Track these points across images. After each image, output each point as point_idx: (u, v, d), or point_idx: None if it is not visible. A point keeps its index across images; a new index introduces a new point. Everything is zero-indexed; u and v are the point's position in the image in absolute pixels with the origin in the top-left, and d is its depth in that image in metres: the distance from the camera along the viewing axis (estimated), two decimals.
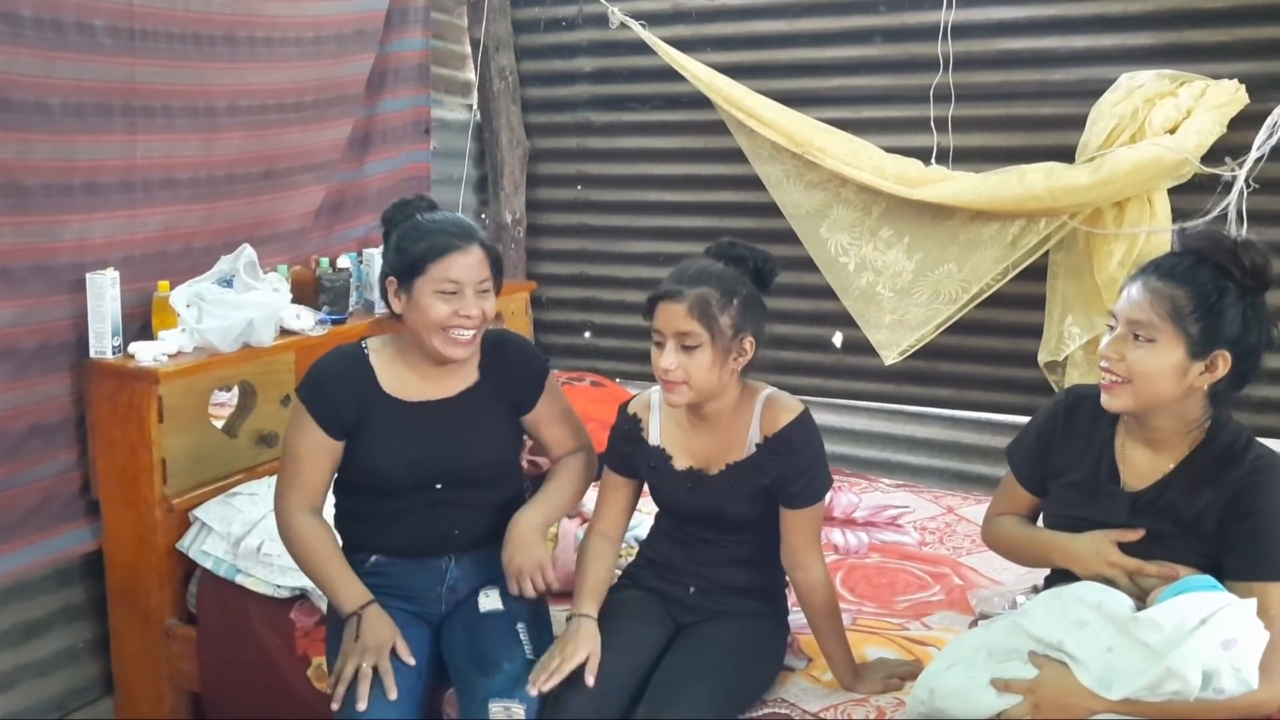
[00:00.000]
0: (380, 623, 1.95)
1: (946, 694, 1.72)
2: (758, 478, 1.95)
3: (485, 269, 2.02)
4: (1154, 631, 1.54)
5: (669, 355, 1.88)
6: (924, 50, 3.16)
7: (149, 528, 2.48)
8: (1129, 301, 1.66)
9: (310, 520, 2.04)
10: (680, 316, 1.86)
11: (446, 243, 1.98)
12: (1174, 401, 1.66)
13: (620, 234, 3.78)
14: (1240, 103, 2.77)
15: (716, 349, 1.87)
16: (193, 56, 2.63)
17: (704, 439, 2.00)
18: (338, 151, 3.20)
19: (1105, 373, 1.68)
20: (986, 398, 3.32)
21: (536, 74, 3.83)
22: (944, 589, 2.46)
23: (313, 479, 2.04)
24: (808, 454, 1.94)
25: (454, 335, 1.99)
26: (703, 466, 2.00)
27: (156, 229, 2.64)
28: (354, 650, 1.90)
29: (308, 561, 2.03)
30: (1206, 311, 1.62)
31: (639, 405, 2.08)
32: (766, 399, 1.98)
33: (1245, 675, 1.52)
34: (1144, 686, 1.54)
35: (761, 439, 1.95)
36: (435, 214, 2.07)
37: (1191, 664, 1.51)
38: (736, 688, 1.94)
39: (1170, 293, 1.62)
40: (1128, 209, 2.84)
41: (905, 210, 3.09)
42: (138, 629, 2.55)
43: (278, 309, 2.69)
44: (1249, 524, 1.62)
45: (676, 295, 1.87)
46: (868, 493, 3.02)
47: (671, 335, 1.87)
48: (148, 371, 2.44)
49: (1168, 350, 1.62)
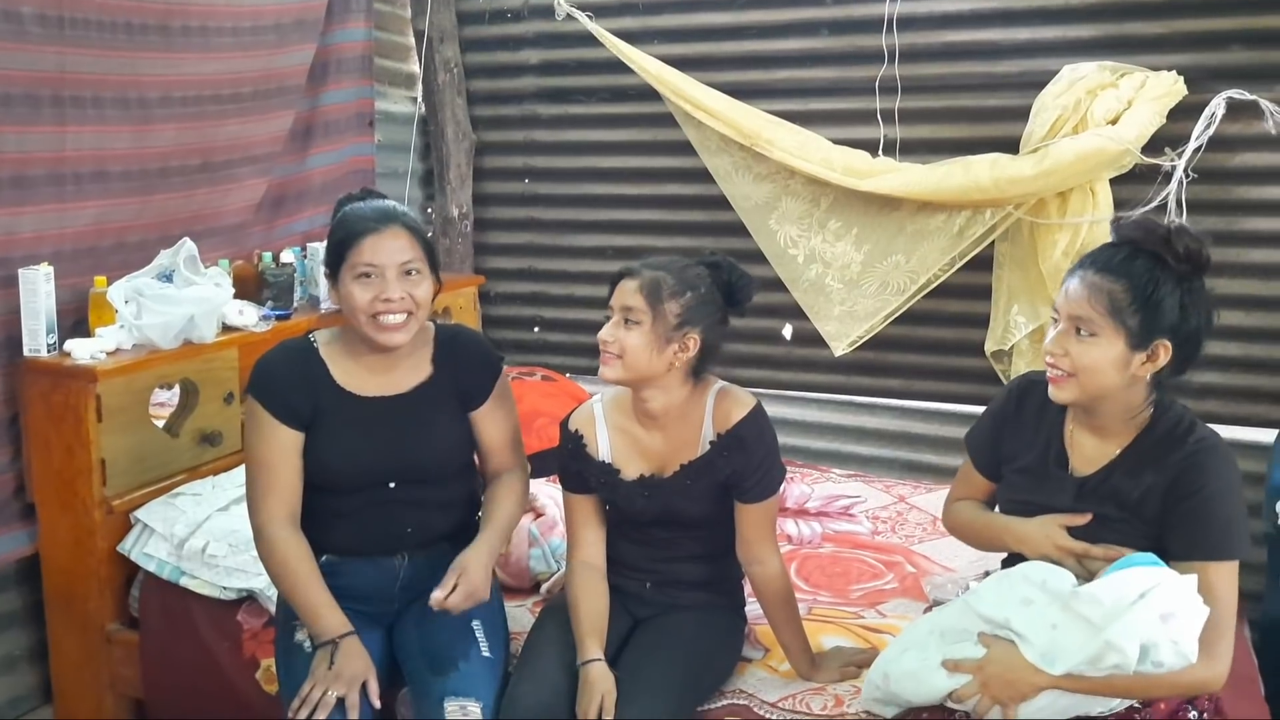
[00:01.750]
0: (358, 657, 1.89)
1: (900, 678, 1.74)
2: (713, 475, 1.94)
3: (410, 250, 1.95)
4: (1095, 606, 1.57)
5: (610, 327, 1.91)
6: (869, 42, 3.18)
7: (88, 530, 2.41)
8: (1068, 297, 1.68)
9: (290, 535, 1.95)
10: (630, 292, 1.90)
11: (361, 227, 1.94)
12: (1118, 391, 1.68)
13: (569, 228, 3.75)
14: (1179, 94, 2.82)
15: (655, 332, 1.88)
16: (124, 46, 2.57)
17: (655, 441, 1.98)
18: (278, 144, 3.14)
19: (1051, 367, 1.70)
20: (935, 387, 3.35)
21: (482, 66, 3.79)
22: (897, 577, 2.48)
23: (285, 482, 1.96)
24: (761, 449, 1.93)
25: (382, 321, 1.93)
26: (656, 471, 1.98)
27: (88, 223, 2.57)
28: (326, 677, 1.85)
29: (287, 582, 1.94)
30: (1144, 303, 1.63)
31: (581, 420, 2.04)
32: (718, 394, 1.97)
33: (1183, 648, 1.54)
34: (1085, 661, 1.57)
35: (715, 436, 1.94)
36: (361, 202, 2.02)
37: (1130, 637, 1.53)
38: (695, 682, 1.93)
39: (1108, 287, 1.64)
40: (1071, 199, 2.88)
41: (853, 202, 3.11)
42: (77, 635, 2.48)
43: (219, 304, 2.64)
44: (1190, 504, 1.65)
45: (634, 273, 1.92)
46: (819, 483, 3.04)
47: (619, 309, 1.90)
48: (85, 369, 2.37)
49: (1109, 344, 1.64)
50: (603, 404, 2.04)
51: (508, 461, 2.11)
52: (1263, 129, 2.77)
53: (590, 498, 2.03)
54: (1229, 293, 2.95)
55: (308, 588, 1.93)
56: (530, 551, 2.35)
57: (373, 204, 2.01)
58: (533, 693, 1.86)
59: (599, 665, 1.86)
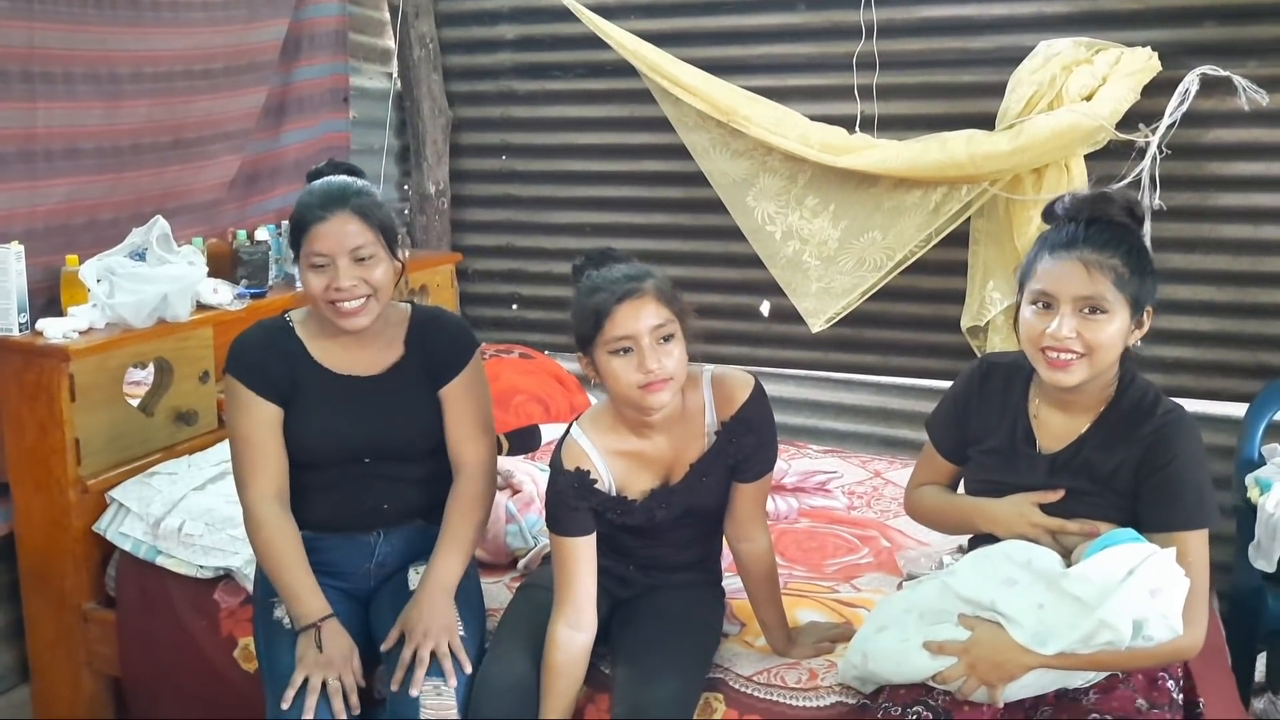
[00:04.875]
0: (341, 638, 1.89)
1: (880, 657, 1.74)
2: (722, 464, 1.87)
3: (362, 234, 1.91)
4: (1084, 585, 1.58)
5: (649, 356, 1.71)
6: (846, 18, 3.17)
7: (62, 510, 2.40)
8: (1068, 279, 1.64)
9: (279, 517, 1.94)
10: (651, 308, 1.73)
11: (310, 215, 1.91)
12: (1114, 364, 1.70)
13: (546, 204, 3.74)
14: (1153, 70, 2.82)
15: (685, 336, 1.78)
16: (94, 21, 2.54)
17: (658, 448, 1.86)
18: (251, 120, 3.11)
19: (1060, 353, 1.65)
20: (911, 363, 3.37)
21: (458, 41, 3.76)
22: (872, 551, 2.50)
23: (271, 459, 1.95)
24: (766, 428, 1.89)
25: (340, 307, 1.92)
26: (665, 479, 1.88)
27: (59, 200, 2.54)
28: (317, 662, 1.85)
29: (271, 561, 1.94)
30: (1140, 271, 1.66)
31: (574, 457, 1.83)
32: (714, 379, 1.88)
33: (1172, 621, 1.57)
34: (1078, 640, 1.57)
35: (719, 424, 1.86)
36: (319, 181, 1.98)
37: (1123, 614, 1.54)
38: (705, 656, 1.93)
39: (1109, 262, 1.64)
40: (1046, 175, 2.89)
41: (830, 178, 3.11)
42: (53, 614, 2.47)
43: (193, 283, 2.62)
44: (1162, 476, 1.66)
45: (637, 291, 1.73)
46: (796, 459, 3.05)
47: (648, 333, 1.72)
48: (57, 349, 2.35)
49: (1118, 318, 1.65)
50: (583, 433, 1.86)
51: (470, 450, 2.04)
52: (1235, 105, 2.78)
53: (588, 540, 1.83)
54: (1202, 268, 2.98)
55: (294, 570, 1.93)
56: (507, 528, 2.36)
57: (323, 185, 1.96)
58: (506, 672, 1.85)
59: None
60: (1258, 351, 2.97)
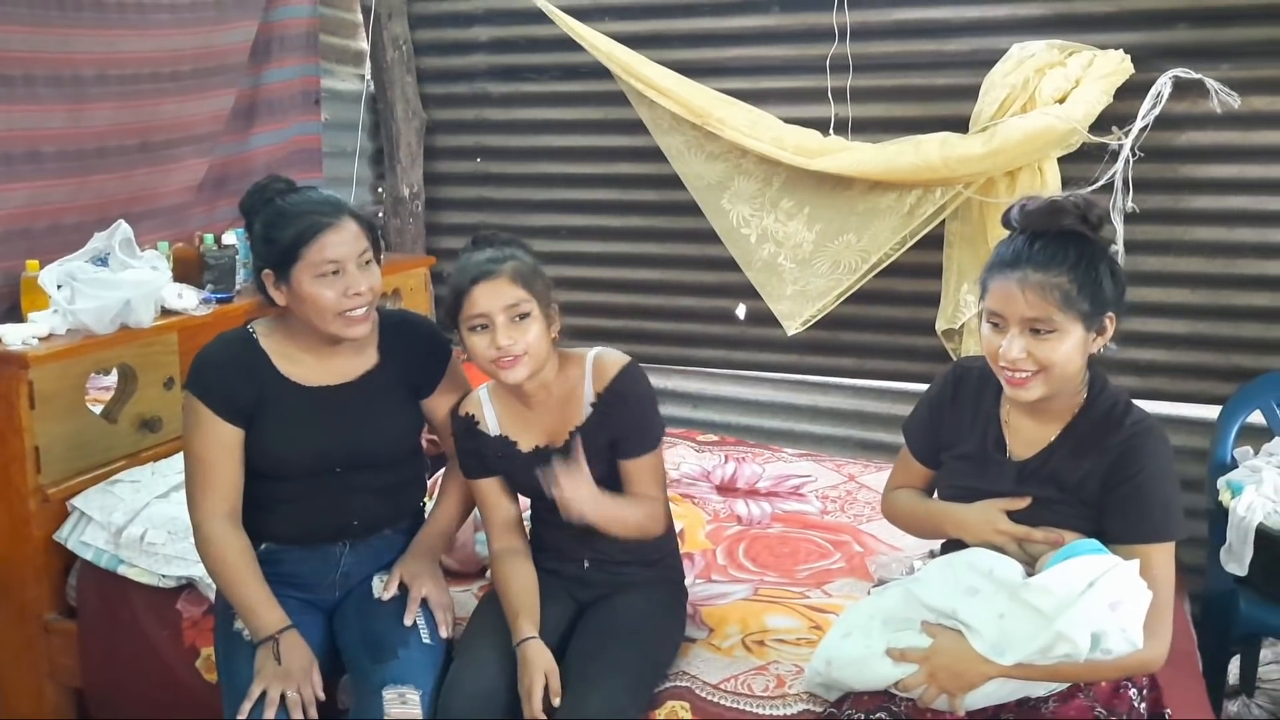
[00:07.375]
0: (301, 650, 1.88)
1: (843, 664, 1.73)
2: (601, 435, 1.94)
3: (363, 239, 1.93)
4: (1045, 596, 1.57)
5: (501, 333, 1.86)
6: (820, 20, 3.16)
7: (22, 519, 2.37)
8: (1016, 302, 1.63)
9: (228, 532, 1.93)
10: (505, 288, 1.86)
11: (316, 223, 1.88)
12: (1078, 373, 1.68)
13: (521, 207, 3.71)
14: (1125, 72, 2.82)
15: (544, 314, 1.90)
16: (56, 22, 2.50)
17: (542, 415, 1.99)
18: (220, 123, 3.08)
19: (1013, 371, 1.65)
20: (887, 366, 3.35)
21: (432, 43, 3.73)
22: (844, 556, 2.48)
23: (224, 478, 1.93)
24: (640, 402, 1.96)
25: (350, 315, 1.91)
26: (549, 441, 1.98)
27: (20, 204, 2.51)
28: (276, 674, 1.83)
29: (225, 578, 1.92)
30: (1090, 286, 1.63)
31: (468, 404, 2.04)
32: (595, 358, 1.98)
33: (1131, 635, 1.55)
34: (1036, 651, 1.57)
35: (595, 396, 1.95)
36: (296, 194, 1.95)
37: (1080, 626, 1.54)
38: (654, 662, 1.93)
39: (1054, 282, 1.61)
40: (1020, 178, 2.88)
41: (805, 181, 3.09)
42: (14, 625, 2.43)
43: (157, 288, 2.58)
44: (1128, 488, 1.65)
45: (491, 273, 1.86)
46: (771, 463, 3.03)
47: (501, 310, 1.85)
48: (16, 355, 2.32)
49: (1070, 334, 1.63)
50: (487, 390, 2.04)
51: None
52: (1208, 108, 2.78)
53: (494, 480, 2.02)
54: (1175, 270, 2.98)
55: (246, 584, 1.91)
56: (476, 536, 2.33)
57: (313, 195, 1.95)
58: (473, 679, 1.85)
59: (534, 643, 1.85)
60: (1231, 354, 2.96)
